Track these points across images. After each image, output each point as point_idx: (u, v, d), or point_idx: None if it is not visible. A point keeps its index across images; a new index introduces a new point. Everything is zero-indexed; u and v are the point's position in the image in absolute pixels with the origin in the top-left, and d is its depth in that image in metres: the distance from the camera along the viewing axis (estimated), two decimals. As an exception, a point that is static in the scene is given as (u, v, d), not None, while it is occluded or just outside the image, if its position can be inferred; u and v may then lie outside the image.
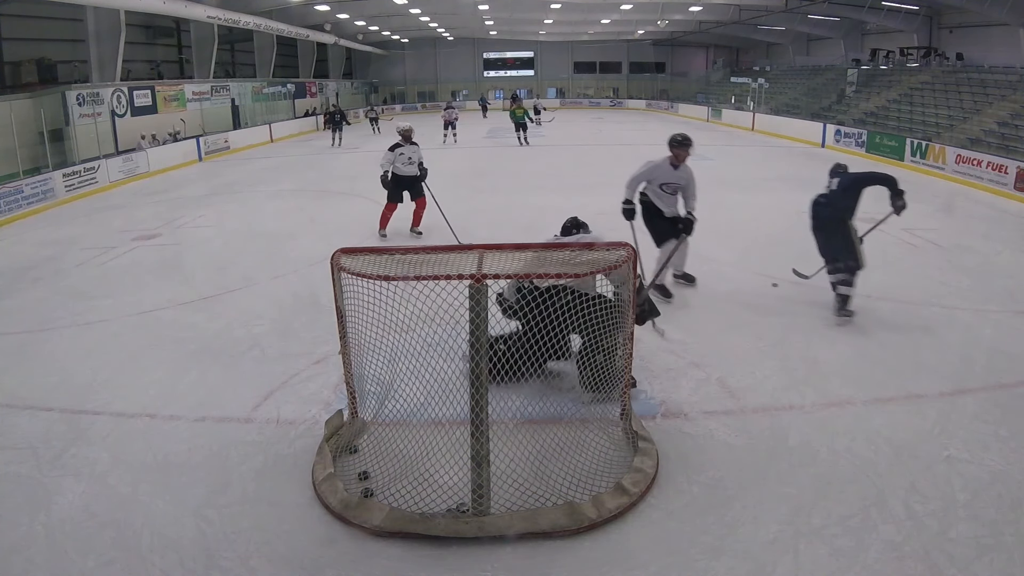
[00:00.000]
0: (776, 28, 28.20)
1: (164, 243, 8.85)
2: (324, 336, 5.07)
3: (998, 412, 3.98)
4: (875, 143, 16.11)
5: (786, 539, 2.95)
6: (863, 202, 5.48)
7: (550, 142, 20.55)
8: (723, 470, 3.45)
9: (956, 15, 19.83)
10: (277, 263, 7.51)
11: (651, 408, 4.09)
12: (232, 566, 2.85)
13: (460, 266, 3.14)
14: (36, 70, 18.11)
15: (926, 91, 18.81)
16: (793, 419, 3.96)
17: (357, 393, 3.73)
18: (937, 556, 2.83)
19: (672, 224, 5.94)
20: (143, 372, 4.78)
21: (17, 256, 8.51)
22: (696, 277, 6.43)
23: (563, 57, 41.90)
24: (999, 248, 7.90)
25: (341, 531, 3.06)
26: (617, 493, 3.19)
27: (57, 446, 3.81)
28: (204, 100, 21.81)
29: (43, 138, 13.39)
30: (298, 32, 25.51)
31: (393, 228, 8.53)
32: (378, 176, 8.26)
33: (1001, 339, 5.10)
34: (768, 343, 5.04)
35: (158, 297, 6.45)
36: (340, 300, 3.45)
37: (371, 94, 39.72)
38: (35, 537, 3.06)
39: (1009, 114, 14.93)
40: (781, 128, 21.51)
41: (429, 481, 3.20)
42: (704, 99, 31.59)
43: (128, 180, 14.72)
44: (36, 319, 6.00)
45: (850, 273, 5.33)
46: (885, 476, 3.37)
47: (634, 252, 3.42)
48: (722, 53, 38.18)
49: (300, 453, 3.66)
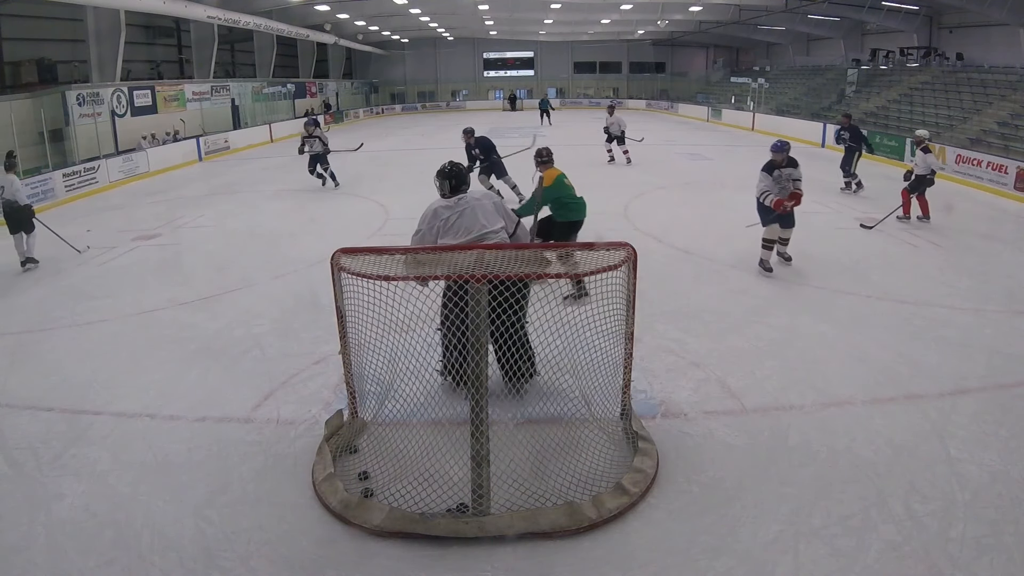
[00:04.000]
0: (776, 28, 28.20)
1: (164, 243, 8.86)
2: (324, 336, 5.07)
3: (998, 412, 3.98)
4: (875, 143, 16.10)
5: (786, 539, 2.95)
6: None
7: (550, 142, 20.55)
8: (723, 470, 3.45)
9: (956, 15, 19.83)
10: (277, 263, 7.51)
11: (651, 408, 4.09)
12: (232, 566, 2.85)
13: (460, 266, 3.15)
14: (36, 70, 18.10)
15: (926, 91, 18.81)
16: (793, 419, 3.96)
17: (357, 393, 3.73)
18: (937, 556, 2.83)
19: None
20: (143, 372, 4.78)
21: (17, 256, 8.49)
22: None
23: (563, 57, 41.89)
24: (999, 248, 7.91)
25: (341, 531, 3.06)
26: (617, 493, 3.19)
27: (57, 446, 3.81)
28: (204, 100, 21.82)
29: (43, 138, 13.40)
30: (298, 32, 25.51)
31: (397, 227, 8.52)
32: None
33: (1001, 339, 5.10)
34: (768, 343, 5.05)
35: (158, 297, 6.45)
36: (340, 300, 3.45)
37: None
38: (35, 537, 3.06)
39: (1009, 114, 14.93)
40: (781, 128, 21.46)
41: (429, 481, 3.19)
42: (704, 99, 31.56)
43: (128, 180, 14.72)
44: (36, 319, 6.00)
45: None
46: (885, 476, 3.37)
47: (634, 252, 3.41)
48: (722, 53, 38.17)
49: (300, 453, 3.66)
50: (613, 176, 12.84)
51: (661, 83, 39.51)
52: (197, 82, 21.92)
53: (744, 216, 9.61)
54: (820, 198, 10.74)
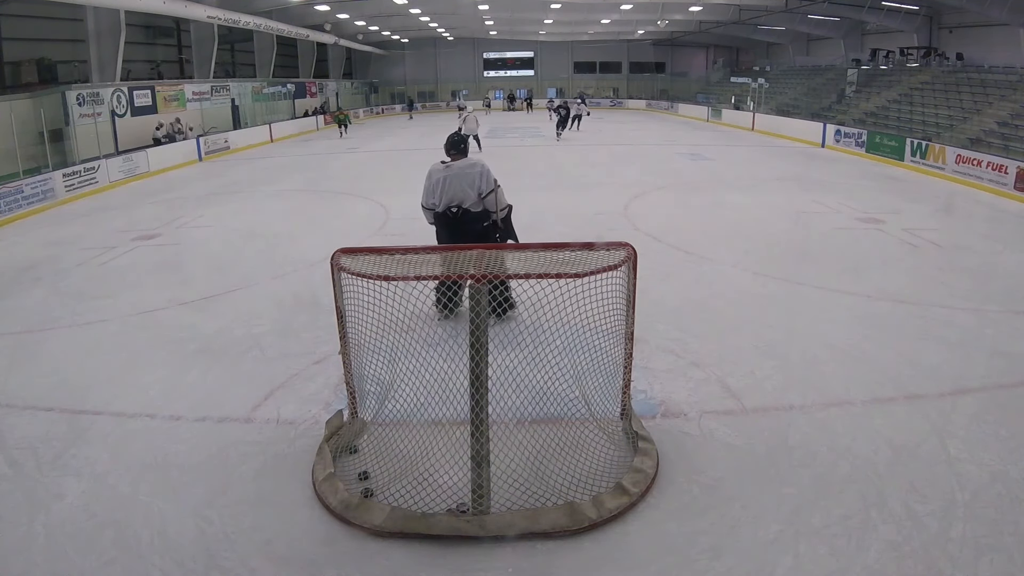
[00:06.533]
0: (776, 28, 28.21)
1: (164, 243, 8.85)
2: (324, 336, 5.07)
3: (998, 412, 3.98)
4: (875, 143, 16.12)
5: (786, 539, 2.95)
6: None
7: (550, 142, 20.56)
8: (723, 470, 3.45)
9: (956, 15, 19.84)
10: (277, 263, 7.51)
11: (651, 408, 4.09)
12: (232, 566, 2.85)
13: (460, 266, 3.15)
14: (36, 70, 18.11)
15: (926, 91, 18.82)
16: (793, 419, 3.96)
17: (357, 393, 3.73)
18: (937, 556, 2.83)
19: None
20: (143, 372, 4.78)
21: (17, 256, 8.50)
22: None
23: (563, 57, 41.90)
24: (999, 248, 7.91)
25: (341, 531, 3.06)
26: (617, 493, 3.19)
27: (57, 446, 3.81)
28: (204, 100, 21.82)
29: (43, 138, 13.38)
30: (298, 32, 25.52)
31: (397, 227, 8.52)
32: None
33: (1001, 339, 5.10)
34: (768, 343, 5.04)
35: (158, 297, 6.45)
36: (340, 300, 3.45)
37: (370, 94, 39.38)
38: (35, 537, 3.06)
39: (1009, 114, 14.93)
40: (781, 128, 21.52)
41: (429, 481, 3.19)
42: (704, 99, 31.58)
43: (128, 180, 14.72)
44: (36, 319, 6.00)
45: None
46: (885, 476, 3.36)
47: (634, 252, 3.41)
48: (722, 53, 38.18)
49: (300, 453, 3.66)
50: (613, 176, 12.85)
51: (661, 83, 39.52)
52: (197, 82, 21.92)
53: (744, 216, 9.65)
54: (820, 198, 10.75)
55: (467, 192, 5.06)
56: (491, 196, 5.10)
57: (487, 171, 5.14)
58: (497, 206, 5.16)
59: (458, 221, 5.14)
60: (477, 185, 5.07)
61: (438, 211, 5.19)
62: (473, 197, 5.07)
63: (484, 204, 5.13)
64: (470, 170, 5.09)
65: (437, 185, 5.11)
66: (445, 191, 5.08)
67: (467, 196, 5.07)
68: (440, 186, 5.09)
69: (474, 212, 5.12)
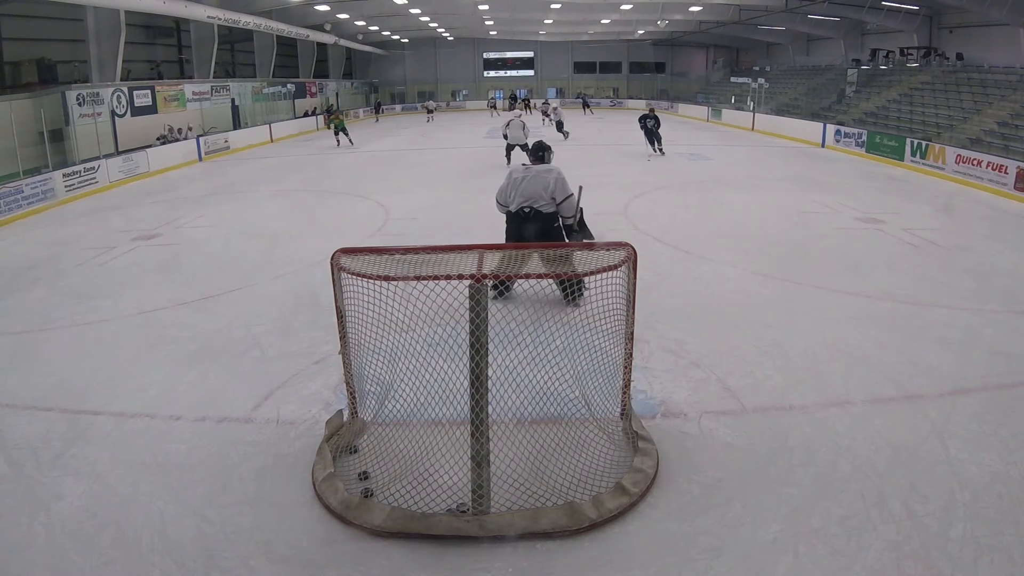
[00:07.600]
0: (776, 28, 28.21)
1: (164, 243, 8.85)
2: (324, 336, 5.07)
3: (998, 412, 3.98)
4: (875, 143, 16.11)
5: (786, 539, 2.95)
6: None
7: (551, 142, 20.52)
8: (723, 470, 3.45)
9: (956, 15, 19.84)
10: (277, 263, 7.51)
11: (651, 408, 4.09)
12: (232, 566, 2.85)
13: (460, 266, 3.15)
14: (36, 70, 18.12)
15: (926, 91, 18.82)
16: (793, 419, 3.96)
17: (357, 393, 3.73)
18: (937, 556, 2.83)
19: None
20: (143, 372, 4.78)
21: (17, 256, 8.51)
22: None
23: (563, 57, 41.90)
24: (999, 248, 7.90)
25: (341, 531, 3.06)
26: (617, 493, 3.19)
27: (57, 446, 3.81)
28: (204, 100, 21.82)
29: (43, 138, 13.38)
30: (298, 32, 25.52)
31: (397, 227, 8.53)
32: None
33: (1001, 339, 5.10)
34: (768, 343, 5.04)
35: (158, 297, 6.45)
36: (340, 300, 3.45)
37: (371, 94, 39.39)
38: (35, 537, 3.06)
39: (1009, 114, 14.93)
40: (781, 128, 21.51)
41: (429, 481, 3.19)
42: (704, 99, 31.59)
43: (128, 180, 14.72)
44: (36, 319, 6.00)
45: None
46: (885, 476, 3.37)
47: (634, 252, 3.42)
48: (722, 53, 38.18)
49: (300, 453, 3.66)
50: (613, 176, 12.84)
51: (661, 83, 39.53)
52: (197, 82, 21.91)
53: (744, 216, 9.65)
54: (820, 198, 10.75)
55: (540, 194, 5.60)
56: (566, 202, 5.63)
57: (562, 178, 5.66)
58: (571, 212, 5.69)
59: (527, 220, 5.65)
60: (551, 189, 5.58)
61: (511, 210, 5.73)
62: (546, 199, 5.60)
63: (559, 209, 5.65)
64: (546, 175, 5.64)
65: (514, 185, 5.69)
66: (521, 191, 5.63)
67: (540, 197, 5.60)
68: (517, 187, 5.66)
69: (545, 213, 5.63)
